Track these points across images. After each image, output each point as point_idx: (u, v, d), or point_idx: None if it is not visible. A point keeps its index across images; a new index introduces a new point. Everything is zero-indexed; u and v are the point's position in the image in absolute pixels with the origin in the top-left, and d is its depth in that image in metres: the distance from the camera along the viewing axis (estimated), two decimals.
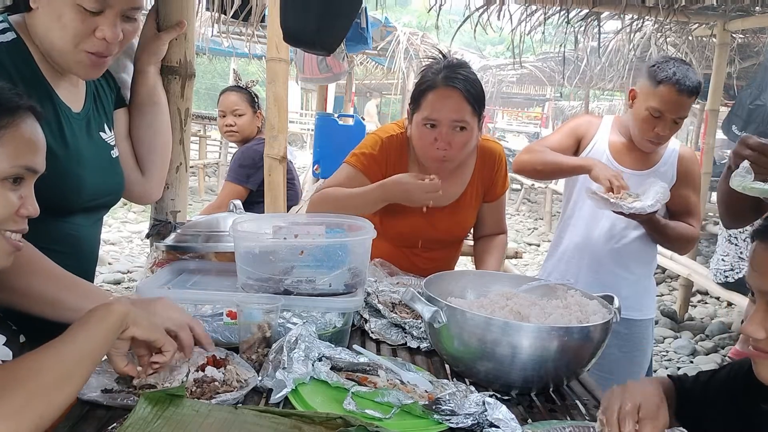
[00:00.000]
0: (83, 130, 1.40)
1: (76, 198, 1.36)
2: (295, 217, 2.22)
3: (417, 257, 2.02)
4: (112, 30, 1.26)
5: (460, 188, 1.98)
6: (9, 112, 0.96)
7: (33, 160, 1.00)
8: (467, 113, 1.78)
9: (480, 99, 1.82)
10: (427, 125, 1.80)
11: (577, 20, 5.26)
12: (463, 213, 2.00)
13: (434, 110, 1.78)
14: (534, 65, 11.77)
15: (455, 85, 1.77)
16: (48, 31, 1.25)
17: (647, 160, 2.27)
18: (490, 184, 2.02)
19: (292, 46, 2.22)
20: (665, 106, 2.08)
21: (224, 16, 4.33)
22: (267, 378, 1.14)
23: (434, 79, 1.80)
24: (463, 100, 1.77)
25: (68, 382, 0.87)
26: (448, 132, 1.78)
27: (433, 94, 1.79)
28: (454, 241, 2.10)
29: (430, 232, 1.97)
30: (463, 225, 2.04)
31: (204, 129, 12.88)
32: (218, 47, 10.01)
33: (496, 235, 2.10)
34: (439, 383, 1.22)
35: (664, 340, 5.10)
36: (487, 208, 2.06)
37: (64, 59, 1.28)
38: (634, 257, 2.28)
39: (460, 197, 1.98)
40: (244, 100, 3.29)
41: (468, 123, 1.79)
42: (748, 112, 6.59)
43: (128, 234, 7.35)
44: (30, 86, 1.27)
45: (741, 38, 6.70)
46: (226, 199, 3.01)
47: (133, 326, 1.01)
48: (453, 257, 2.13)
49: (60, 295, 1.18)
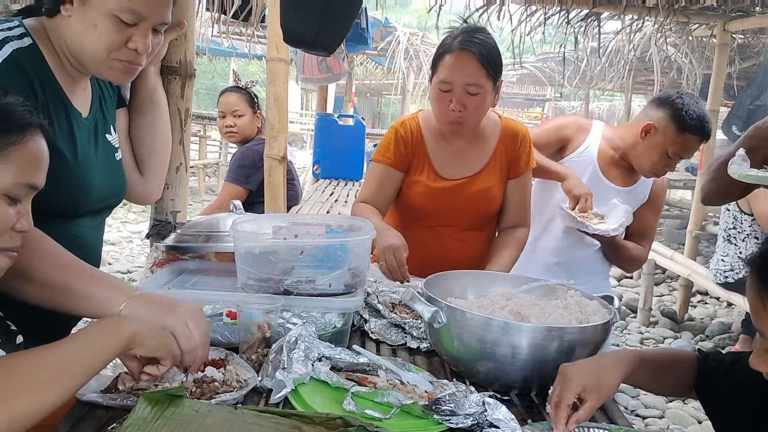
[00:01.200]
0: (91, 135, 1.40)
1: (84, 202, 1.37)
2: (295, 218, 2.22)
3: (450, 240, 2.04)
4: (144, 42, 1.29)
5: (484, 159, 2.02)
6: (20, 130, 0.96)
7: (37, 177, 1.00)
8: (481, 76, 1.81)
9: (496, 63, 1.85)
10: (443, 88, 1.84)
11: (577, 20, 5.26)
12: (488, 183, 2.02)
13: (449, 73, 1.82)
14: (534, 65, 11.77)
15: (470, 48, 1.81)
16: (81, 37, 1.26)
17: (630, 179, 2.34)
18: (514, 159, 2.03)
19: (292, 47, 2.22)
20: (686, 152, 2.19)
21: (224, 16, 4.33)
22: (267, 378, 1.14)
23: (451, 44, 1.84)
24: (477, 63, 1.80)
25: (52, 387, 0.87)
26: (462, 95, 1.82)
27: (449, 57, 1.83)
28: (483, 219, 2.08)
29: (456, 204, 2.00)
30: (488, 197, 2.03)
31: (204, 129, 12.87)
32: (218, 47, 10.01)
33: (519, 227, 2.09)
34: (439, 383, 1.22)
35: (664, 340, 5.10)
36: (511, 187, 2.06)
37: (95, 65, 1.30)
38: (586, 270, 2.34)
39: (484, 168, 2.01)
40: (244, 101, 3.29)
41: (482, 86, 1.82)
42: (748, 113, 6.60)
43: (128, 234, 7.34)
44: (46, 92, 1.28)
45: (741, 38, 6.71)
46: (225, 200, 3.01)
47: (138, 347, 1.00)
48: (485, 241, 2.12)
49: (69, 280, 1.16)
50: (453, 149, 2.01)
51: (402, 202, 2.06)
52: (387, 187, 2.02)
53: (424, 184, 1.99)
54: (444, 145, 2.01)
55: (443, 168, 2.01)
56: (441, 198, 1.99)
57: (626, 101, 13.94)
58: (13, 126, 0.95)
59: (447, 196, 1.99)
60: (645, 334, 5.23)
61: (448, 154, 2.01)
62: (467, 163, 2.00)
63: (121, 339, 0.97)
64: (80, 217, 1.39)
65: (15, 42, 1.24)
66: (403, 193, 2.04)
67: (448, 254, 2.00)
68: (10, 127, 0.95)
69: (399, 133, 2.01)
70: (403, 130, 2.02)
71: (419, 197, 2.01)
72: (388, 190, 2.02)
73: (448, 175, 2.00)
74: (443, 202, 2.00)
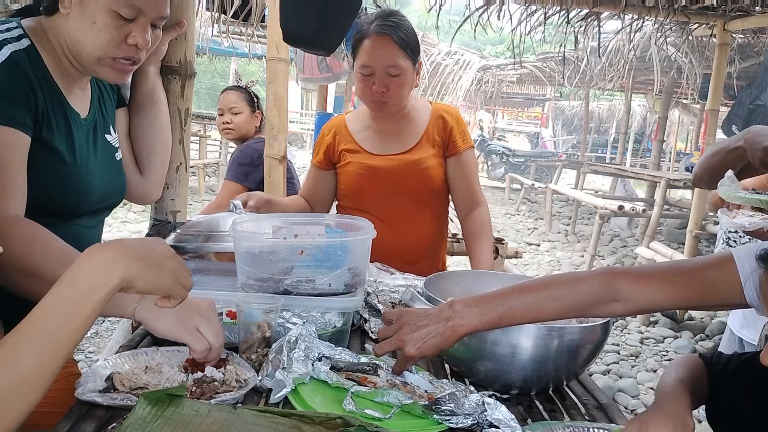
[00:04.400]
0: (90, 136, 1.40)
1: (84, 202, 1.37)
2: (295, 217, 2.22)
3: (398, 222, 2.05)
4: (144, 37, 1.28)
5: (416, 137, 2.07)
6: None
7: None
8: (400, 58, 1.89)
9: (412, 44, 1.92)
10: (364, 72, 1.91)
11: (577, 20, 5.26)
12: (422, 155, 2.05)
13: (369, 57, 1.89)
14: (534, 65, 11.75)
15: (386, 32, 1.88)
16: (80, 35, 1.26)
17: None
18: (448, 137, 2.08)
19: (292, 46, 2.22)
20: None
21: (224, 16, 4.33)
22: (267, 378, 1.14)
23: (367, 29, 1.91)
24: (394, 45, 1.88)
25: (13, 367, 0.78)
26: (383, 77, 1.89)
27: (367, 42, 1.90)
28: (424, 194, 2.09)
29: (393, 178, 2.03)
30: (424, 166, 2.05)
31: (204, 129, 12.87)
32: (218, 47, 10.01)
33: (474, 208, 2.11)
34: (439, 383, 1.22)
35: (664, 339, 5.10)
36: (452, 165, 2.10)
37: (93, 63, 1.29)
38: None
39: (417, 144, 2.06)
40: (242, 99, 3.34)
41: (401, 68, 1.89)
42: (748, 112, 6.59)
43: (128, 234, 7.34)
44: (45, 94, 1.27)
45: (741, 38, 6.71)
46: (225, 198, 3.02)
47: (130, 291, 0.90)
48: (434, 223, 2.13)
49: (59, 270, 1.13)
50: (383, 132, 2.08)
51: (345, 194, 2.13)
52: (317, 184, 2.18)
53: (354, 162, 2.06)
54: (373, 132, 2.08)
55: (375, 148, 2.07)
56: (371, 171, 2.04)
57: (626, 101, 13.95)
58: None
59: (377, 169, 2.04)
60: (645, 333, 5.23)
61: (379, 136, 2.08)
62: (398, 141, 2.06)
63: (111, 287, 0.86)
64: (80, 218, 1.39)
65: (13, 44, 1.23)
66: (341, 182, 2.11)
67: (399, 240, 2.02)
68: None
69: (323, 133, 2.14)
70: (327, 129, 2.14)
71: (351, 177, 2.07)
72: (319, 187, 2.17)
73: (378, 152, 2.07)
74: (374, 176, 2.04)
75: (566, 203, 12.15)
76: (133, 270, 0.88)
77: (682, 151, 19.96)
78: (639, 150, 20.86)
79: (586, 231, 9.50)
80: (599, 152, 21.06)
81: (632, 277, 1.17)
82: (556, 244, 8.88)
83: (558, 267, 7.56)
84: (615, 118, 20.42)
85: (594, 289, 1.16)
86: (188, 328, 1.13)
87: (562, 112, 23.60)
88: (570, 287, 1.17)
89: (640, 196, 11.05)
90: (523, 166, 16.66)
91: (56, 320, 0.81)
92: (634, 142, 20.18)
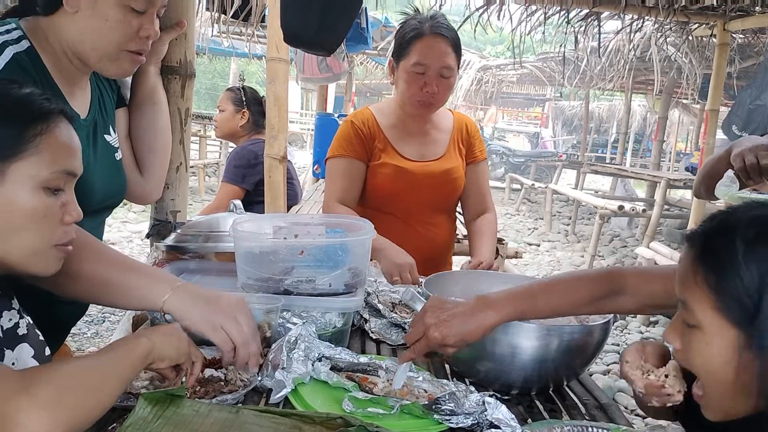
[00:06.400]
0: (90, 136, 1.40)
1: (85, 204, 1.36)
2: (295, 217, 2.22)
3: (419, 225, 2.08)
4: (154, 27, 1.30)
5: (444, 144, 2.12)
6: (42, 119, 0.95)
7: (72, 163, 0.99)
8: (452, 59, 1.93)
9: (460, 47, 1.97)
10: (418, 71, 1.92)
11: (577, 20, 5.26)
12: (452, 164, 2.10)
13: (424, 57, 1.90)
14: (534, 65, 11.76)
15: (442, 33, 1.91)
16: (89, 32, 1.26)
17: None
18: (469, 146, 2.14)
19: (292, 47, 2.22)
20: None
21: (224, 16, 4.33)
22: (267, 378, 1.14)
23: (421, 28, 1.92)
24: (449, 47, 1.92)
25: (97, 391, 0.85)
26: (435, 77, 1.92)
27: (422, 42, 1.92)
28: (449, 202, 2.16)
29: (424, 184, 2.05)
30: (454, 176, 2.10)
31: (204, 129, 12.86)
32: (218, 47, 10.01)
33: (485, 213, 2.18)
34: (439, 383, 1.22)
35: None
36: (470, 172, 2.16)
37: (103, 61, 1.29)
38: None
39: (446, 152, 2.11)
40: (229, 98, 3.39)
41: (453, 69, 1.94)
42: (748, 112, 6.58)
43: (128, 234, 7.34)
44: None
45: (741, 38, 6.70)
46: (224, 200, 3.02)
47: (158, 362, 1.00)
48: (449, 229, 2.20)
49: (113, 274, 1.14)
50: (413, 135, 2.08)
51: (369, 191, 2.09)
52: (355, 180, 2.05)
53: (392, 165, 2.04)
54: (403, 133, 2.07)
55: (410, 152, 2.07)
56: (409, 178, 2.04)
57: (626, 101, 13.95)
58: (35, 115, 0.95)
59: (415, 176, 2.04)
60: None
61: (409, 139, 2.08)
62: (428, 148, 2.09)
63: (138, 355, 0.95)
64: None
65: (14, 46, 1.23)
66: (370, 182, 2.07)
67: (417, 241, 2.03)
68: (33, 117, 0.94)
69: (355, 125, 2.06)
70: (358, 121, 2.07)
71: (388, 180, 2.04)
72: (357, 183, 2.06)
73: (414, 158, 2.07)
74: (412, 182, 2.04)
75: (566, 203, 12.15)
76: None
77: (682, 151, 19.96)
78: (639, 150, 20.87)
79: (586, 231, 9.50)
80: (599, 152, 21.05)
81: (637, 272, 1.24)
82: (556, 244, 8.88)
83: (558, 267, 7.56)
84: (615, 118, 20.41)
85: (599, 282, 1.20)
86: (215, 326, 1.12)
87: (562, 112, 23.59)
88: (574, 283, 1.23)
89: (640, 196, 11.06)
90: (523, 166, 16.68)
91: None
92: (634, 142, 20.18)
